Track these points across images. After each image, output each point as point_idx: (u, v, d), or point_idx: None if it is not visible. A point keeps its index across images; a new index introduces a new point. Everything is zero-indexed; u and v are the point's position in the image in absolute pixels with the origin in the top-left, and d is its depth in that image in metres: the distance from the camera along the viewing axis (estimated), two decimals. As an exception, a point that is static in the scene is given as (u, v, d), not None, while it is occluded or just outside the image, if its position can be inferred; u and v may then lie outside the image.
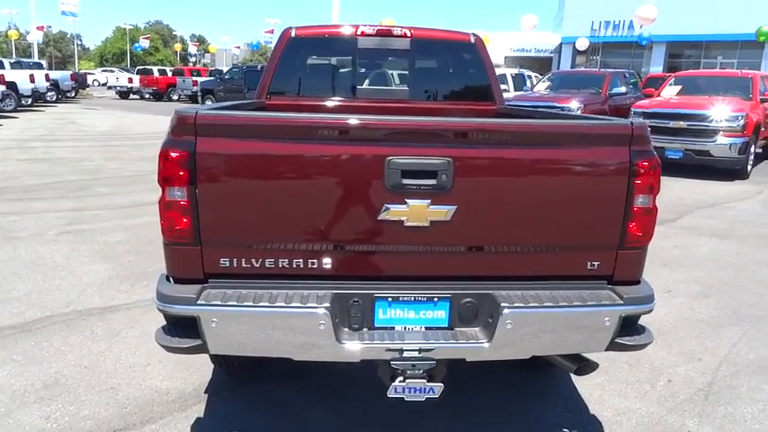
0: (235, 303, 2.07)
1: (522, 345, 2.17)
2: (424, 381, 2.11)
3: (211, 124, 2.09)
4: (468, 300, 2.20)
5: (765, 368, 3.43)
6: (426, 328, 2.24)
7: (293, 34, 4.02)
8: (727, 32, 27.57)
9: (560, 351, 2.27)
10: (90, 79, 42.82)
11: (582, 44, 30.51)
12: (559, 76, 16.06)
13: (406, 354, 2.14)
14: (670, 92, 11.79)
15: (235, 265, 2.17)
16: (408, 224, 2.12)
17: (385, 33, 4.03)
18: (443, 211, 2.10)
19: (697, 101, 10.72)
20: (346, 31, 4.08)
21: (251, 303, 2.08)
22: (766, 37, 23.15)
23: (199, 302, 2.08)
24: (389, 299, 2.21)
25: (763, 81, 11.45)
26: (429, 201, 2.09)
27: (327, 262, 2.18)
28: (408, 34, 3.98)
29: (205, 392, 3.05)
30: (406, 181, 2.07)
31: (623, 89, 13.53)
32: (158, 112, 20.81)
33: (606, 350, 2.23)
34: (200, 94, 25.74)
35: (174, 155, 2.06)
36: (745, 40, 26.38)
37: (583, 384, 3.16)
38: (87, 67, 64.51)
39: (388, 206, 2.10)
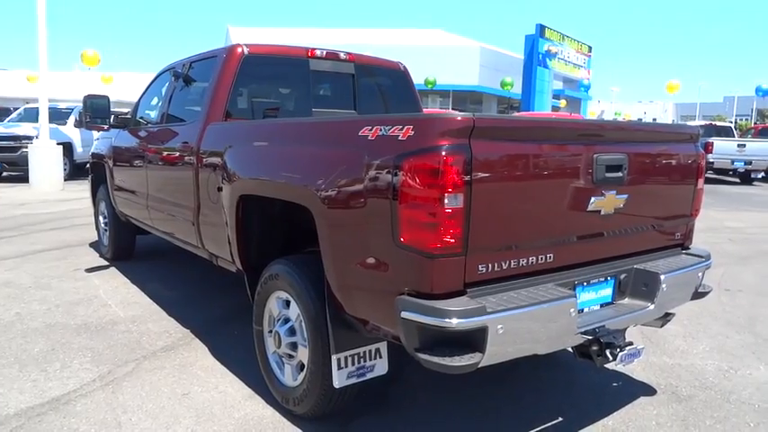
0: (517, 306, 2.05)
1: (668, 303, 2.70)
2: (636, 347, 2.44)
3: (487, 127, 2.04)
4: (625, 275, 2.63)
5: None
6: (600, 305, 2.58)
7: (246, 52, 3.69)
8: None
9: (679, 304, 2.87)
10: None
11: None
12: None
13: (609, 328, 2.43)
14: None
15: (487, 270, 2.13)
16: (602, 213, 2.45)
17: (333, 57, 4.06)
18: (622, 200, 2.51)
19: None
20: (298, 51, 3.95)
21: (528, 303, 2.09)
22: (433, 85, 28.17)
23: (489, 311, 1.99)
24: (584, 283, 2.48)
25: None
26: (615, 191, 2.47)
27: (551, 255, 2.33)
28: (352, 58, 4.12)
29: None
30: (608, 174, 2.40)
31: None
32: None
33: (690, 300, 2.93)
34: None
35: (453, 160, 1.95)
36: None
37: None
38: None
39: (594, 198, 2.39)
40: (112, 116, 5.00)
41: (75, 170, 13.83)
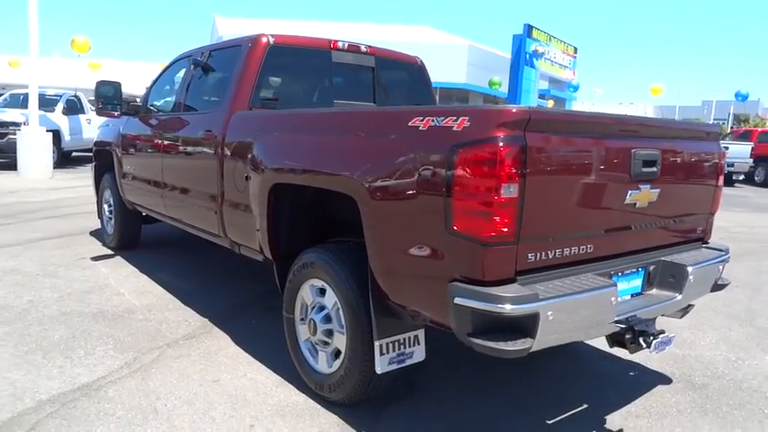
0: (565, 294, 2.12)
1: (693, 294, 2.79)
2: (668, 335, 2.52)
3: (541, 120, 2.10)
4: (654, 266, 2.73)
5: None
6: (631, 295, 2.66)
7: (271, 41, 3.70)
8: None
9: (700, 296, 2.97)
10: None
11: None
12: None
13: (640, 317, 2.52)
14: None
15: (536, 259, 2.19)
16: (637, 206, 2.53)
17: (354, 49, 4.09)
18: (654, 195, 2.59)
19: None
20: (321, 43, 3.98)
21: (575, 291, 2.16)
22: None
23: (540, 298, 2.05)
24: (618, 273, 2.56)
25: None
26: (649, 186, 2.55)
27: (591, 246, 2.40)
28: (373, 51, 4.16)
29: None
30: (644, 169, 2.48)
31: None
32: None
33: (709, 292, 3.04)
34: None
35: (509, 150, 2.01)
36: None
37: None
38: None
39: (631, 192, 2.47)
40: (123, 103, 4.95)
41: (62, 158, 13.62)
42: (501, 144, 2.00)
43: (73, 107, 14.30)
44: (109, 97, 4.77)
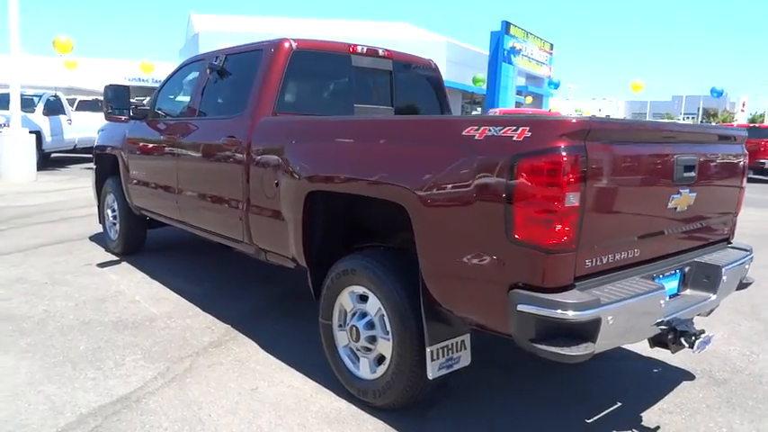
0: (623, 298, 2.18)
1: (723, 294, 2.88)
2: (708, 335, 2.60)
3: (600, 129, 2.15)
4: (688, 268, 2.81)
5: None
6: (669, 297, 2.74)
7: (294, 46, 3.69)
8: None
9: (728, 295, 3.06)
10: None
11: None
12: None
13: (680, 318, 2.60)
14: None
15: (592, 264, 2.25)
16: (678, 210, 2.61)
17: (372, 53, 4.10)
18: (692, 198, 2.67)
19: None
20: (341, 47, 3.98)
21: (630, 295, 2.22)
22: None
23: (602, 303, 2.11)
24: (659, 276, 2.63)
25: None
26: (688, 190, 2.63)
27: (637, 250, 2.47)
28: (390, 55, 4.18)
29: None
30: (684, 174, 2.56)
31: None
32: None
33: (735, 290, 3.14)
34: None
35: (571, 160, 2.05)
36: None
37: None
38: None
39: (673, 196, 2.55)
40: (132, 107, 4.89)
41: (43, 160, 13.31)
42: (564, 154, 2.05)
43: (53, 107, 13.97)
44: (119, 101, 4.70)
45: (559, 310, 2.06)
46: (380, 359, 2.83)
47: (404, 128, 2.79)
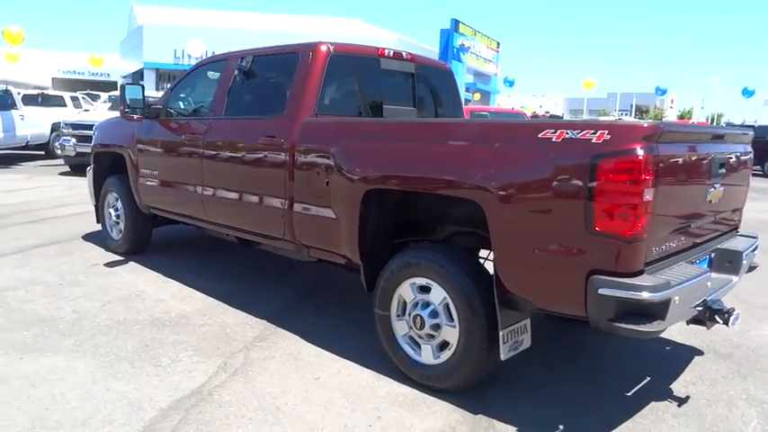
0: (685, 280, 2.49)
1: (741, 275, 3.26)
2: (737, 312, 2.94)
3: (669, 132, 2.44)
4: (714, 254, 3.16)
5: None
6: (706, 280, 3.09)
7: (332, 50, 3.83)
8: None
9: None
10: None
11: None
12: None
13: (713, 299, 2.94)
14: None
15: (655, 252, 2.54)
16: (712, 202, 2.94)
17: (398, 57, 4.28)
18: (722, 192, 3.02)
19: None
20: (372, 51, 4.14)
21: (689, 278, 2.53)
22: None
23: (672, 285, 2.40)
24: (696, 261, 2.96)
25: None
26: (720, 184, 2.97)
27: (684, 238, 2.79)
28: (413, 58, 4.39)
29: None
30: (720, 170, 2.89)
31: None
32: None
33: (745, 273, 3.53)
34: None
35: (648, 159, 2.33)
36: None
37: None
38: None
39: (710, 190, 2.88)
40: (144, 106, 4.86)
41: (-6, 158, 12.70)
42: (642, 154, 2.32)
43: (3, 103, 13.31)
44: (135, 100, 4.67)
45: (638, 293, 2.34)
46: (443, 345, 3.04)
47: (479, 131, 2.99)
